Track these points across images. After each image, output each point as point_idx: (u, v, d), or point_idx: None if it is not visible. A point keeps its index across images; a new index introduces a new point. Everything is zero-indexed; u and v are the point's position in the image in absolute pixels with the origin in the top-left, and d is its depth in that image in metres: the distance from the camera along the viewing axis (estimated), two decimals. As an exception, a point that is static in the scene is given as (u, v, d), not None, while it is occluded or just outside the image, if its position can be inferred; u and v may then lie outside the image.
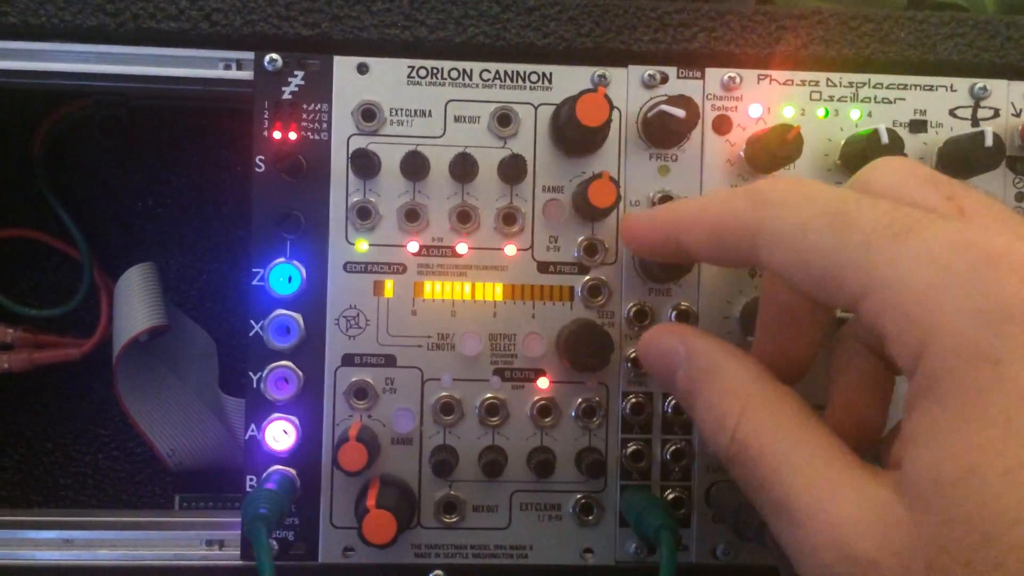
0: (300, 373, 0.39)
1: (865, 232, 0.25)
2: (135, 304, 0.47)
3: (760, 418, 0.29)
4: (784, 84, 0.41)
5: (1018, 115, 0.41)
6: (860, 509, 0.24)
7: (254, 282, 0.39)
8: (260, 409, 0.39)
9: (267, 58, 0.39)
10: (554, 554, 0.40)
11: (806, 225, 0.27)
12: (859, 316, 0.26)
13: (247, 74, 0.40)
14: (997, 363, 0.22)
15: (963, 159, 0.39)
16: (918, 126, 0.41)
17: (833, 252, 0.26)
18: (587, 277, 0.40)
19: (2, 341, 0.50)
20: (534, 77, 0.40)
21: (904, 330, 0.24)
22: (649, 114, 0.40)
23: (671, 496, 0.40)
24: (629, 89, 0.40)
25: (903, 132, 0.40)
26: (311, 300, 0.39)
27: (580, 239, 0.40)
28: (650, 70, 0.40)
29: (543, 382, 0.40)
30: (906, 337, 0.24)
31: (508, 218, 0.39)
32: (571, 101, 0.37)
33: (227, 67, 0.40)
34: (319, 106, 0.39)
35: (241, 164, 0.52)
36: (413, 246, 0.39)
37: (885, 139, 0.38)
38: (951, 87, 0.41)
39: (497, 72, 0.40)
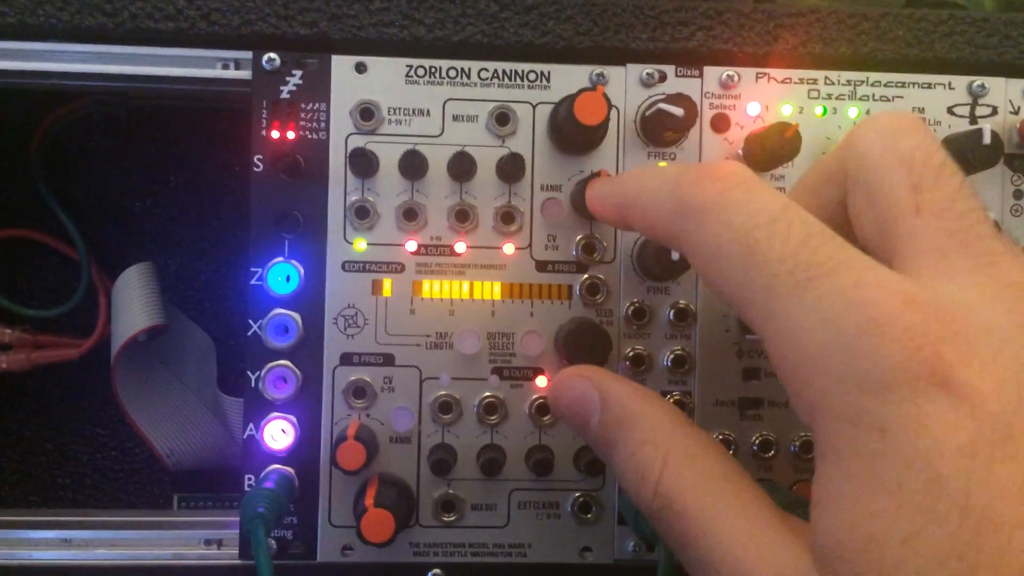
0: (298, 372, 0.39)
1: (768, 274, 0.25)
2: (133, 304, 0.47)
3: (683, 470, 0.28)
4: (782, 82, 0.41)
5: (1016, 112, 0.41)
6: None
7: (252, 281, 0.39)
8: (258, 408, 0.39)
9: (265, 57, 0.39)
10: (553, 552, 0.40)
11: (718, 251, 0.26)
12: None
13: (245, 74, 0.40)
14: (883, 432, 0.22)
15: (961, 157, 0.39)
16: (916, 124, 0.41)
17: (740, 287, 0.26)
18: (585, 276, 0.40)
19: (0, 341, 0.50)
20: (532, 76, 0.40)
21: (796, 389, 0.25)
22: (647, 112, 0.40)
23: (670, 495, 0.40)
24: (627, 88, 0.40)
25: (901, 130, 0.40)
26: (309, 299, 0.39)
27: (578, 238, 0.40)
28: (648, 69, 0.40)
29: (542, 381, 0.40)
30: (799, 396, 0.25)
31: (506, 217, 0.39)
32: (569, 100, 0.37)
33: (225, 67, 0.40)
34: (317, 105, 0.39)
35: (239, 164, 0.52)
36: (411, 245, 0.39)
37: (883, 137, 0.38)
38: (949, 85, 0.41)
39: (495, 71, 0.40)
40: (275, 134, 0.39)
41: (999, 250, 0.25)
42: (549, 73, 0.40)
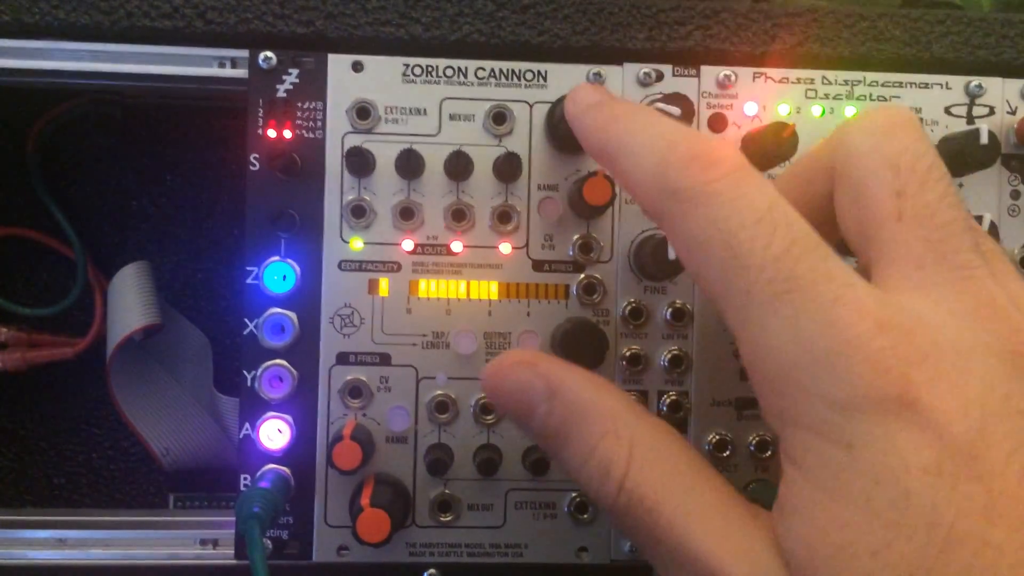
0: (294, 372, 0.39)
1: (748, 280, 0.24)
2: (129, 303, 0.47)
3: (650, 464, 0.27)
4: (779, 82, 0.41)
5: (1013, 112, 0.41)
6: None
7: (248, 280, 0.39)
8: (254, 408, 0.39)
9: (261, 56, 0.39)
10: (549, 553, 0.40)
11: (700, 245, 0.26)
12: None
13: (241, 72, 0.40)
14: (850, 447, 0.23)
15: (958, 157, 0.39)
16: (913, 124, 0.41)
17: (719, 286, 0.26)
18: (582, 275, 0.40)
19: (-4, 340, 0.50)
20: (529, 75, 0.40)
21: (766, 397, 0.25)
22: (644, 112, 0.40)
23: (666, 494, 0.40)
24: (624, 87, 0.40)
25: (898, 130, 0.40)
26: (305, 298, 0.39)
27: (575, 237, 0.40)
28: (645, 68, 0.40)
29: (538, 380, 0.40)
30: (768, 403, 0.25)
31: (503, 216, 0.39)
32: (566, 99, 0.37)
33: (221, 65, 0.40)
34: (314, 104, 0.39)
35: (236, 162, 0.52)
36: (408, 244, 0.39)
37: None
38: (946, 85, 0.41)
39: (492, 70, 0.40)
40: (271, 133, 0.39)
41: (976, 263, 0.25)
42: (546, 72, 0.40)
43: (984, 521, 0.21)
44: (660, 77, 0.40)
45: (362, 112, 0.39)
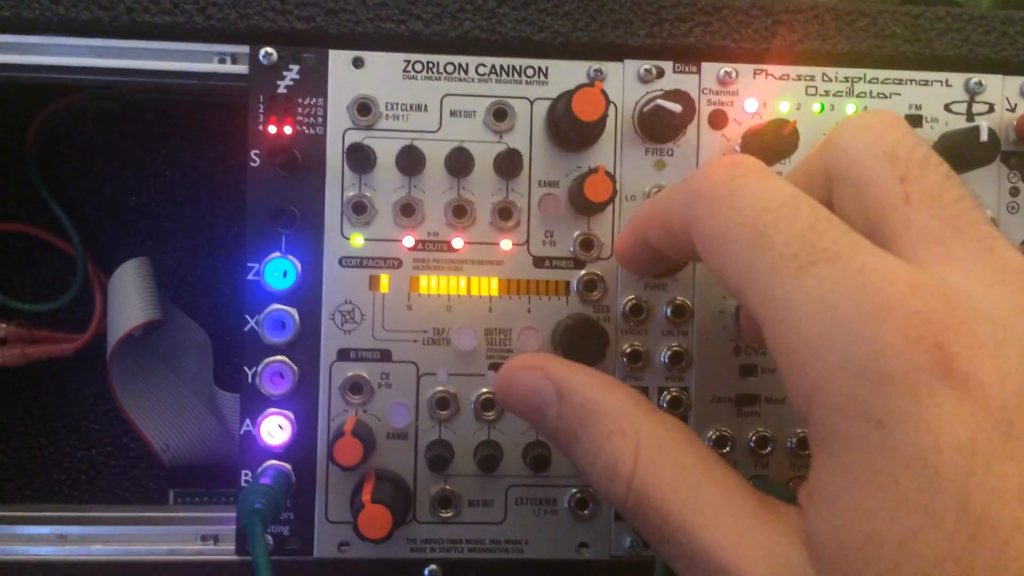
0: (295, 368, 0.39)
1: (773, 257, 0.24)
2: (129, 299, 0.47)
3: (657, 462, 0.27)
4: (780, 79, 0.41)
5: (1013, 110, 0.42)
6: (773, 571, 0.24)
7: (249, 277, 0.39)
8: (255, 404, 0.39)
9: (262, 52, 0.39)
10: (549, 548, 0.40)
11: (726, 235, 0.26)
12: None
13: (242, 68, 0.39)
14: (881, 425, 0.22)
15: (958, 154, 0.39)
16: (913, 121, 0.41)
17: (744, 271, 0.25)
18: (583, 272, 0.40)
19: (-5, 336, 0.50)
20: (530, 71, 0.40)
21: (793, 376, 0.24)
22: (645, 109, 0.40)
23: (666, 491, 0.40)
24: (625, 84, 0.40)
25: (898, 127, 0.40)
26: (306, 295, 0.39)
27: (576, 234, 0.40)
28: (646, 65, 0.40)
29: (539, 377, 0.40)
30: (795, 384, 0.24)
31: (504, 213, 0.39)
32: (567, 96, 0.37)
33: (222, 61, 0.40)
34: (314, 100, 0.39)
35: (236, 158, 0.52)
36: (409, 240, 0.39)
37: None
38: (946, 82, 0.41)
39: (493, 66, 0.40)
40: (272, 129, 0.39)
41: (995, 234, 0.25)
42: (547, 69, 0.40)
43: (1018, 505, 0.20)
44: (661, 74, 0.40)
45: (363, 108, 0.39)
